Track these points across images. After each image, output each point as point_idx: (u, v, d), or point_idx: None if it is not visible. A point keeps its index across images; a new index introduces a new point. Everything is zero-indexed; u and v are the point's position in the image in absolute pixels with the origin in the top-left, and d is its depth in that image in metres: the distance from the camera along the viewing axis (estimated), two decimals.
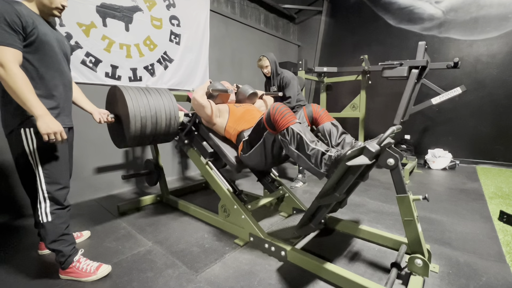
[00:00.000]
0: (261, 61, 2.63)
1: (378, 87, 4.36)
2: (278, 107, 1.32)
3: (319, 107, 1.57)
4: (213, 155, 1.83)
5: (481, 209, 2.14)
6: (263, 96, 2.15)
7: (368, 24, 4.61)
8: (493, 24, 3.58)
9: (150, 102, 1.65)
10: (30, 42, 1.12)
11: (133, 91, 1.63)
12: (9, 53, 1.04)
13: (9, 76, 1.03)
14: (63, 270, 1.30)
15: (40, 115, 1.08)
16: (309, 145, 1.22)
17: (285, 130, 1.28)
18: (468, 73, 3.77)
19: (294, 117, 1.30)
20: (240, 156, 1.64)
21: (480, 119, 3.73)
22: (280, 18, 5.06)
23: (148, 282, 1.27)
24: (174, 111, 1.76)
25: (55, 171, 1.24)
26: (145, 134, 1.65)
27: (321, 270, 1.26)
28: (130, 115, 1.55)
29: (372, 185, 2.83)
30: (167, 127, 1.75)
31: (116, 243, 1.66)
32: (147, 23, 2.86)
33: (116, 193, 2.69)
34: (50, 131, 1.10)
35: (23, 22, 1.08)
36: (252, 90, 1.97)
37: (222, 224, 1.81)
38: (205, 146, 1.84)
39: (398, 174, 1.15)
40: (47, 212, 1.22)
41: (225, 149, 1.75)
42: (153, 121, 1.65)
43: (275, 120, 1.30)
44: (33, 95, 1.08)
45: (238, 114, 1.76)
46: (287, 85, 2.58)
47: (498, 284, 1.23)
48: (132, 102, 1.57)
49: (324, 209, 1.27)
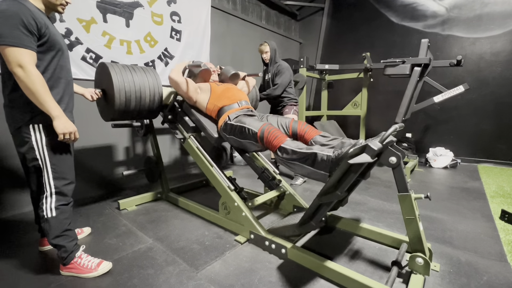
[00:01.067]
0: (262, 46, 2.73)
1: (379, 85, 4.33)
2: (268, 129, 1.45)
3: (305, 124, 1.58)
4: (195, 130, 1.95)
5: (483, 208, 2.13)
6: (245, 78, 2.22)
7: (371, 21, 4.57)
8: (497, 21, 3.54)
9: (134, 78, 1.74)
10: (42, 42, 1.14)
11: (119, 68, 1.71)
12: (27, 55, 1.07)
13: (29, 77, 1.06)
14: (64, 266, 1.30)
15: (57, 116, 1.14)
16: (303, 152, 1.27)
17: (277, 149, 1.38)
18: (471, 71, 3.74)
19: (284, 137, 1.41)
20: (220, 130, 1.76)
21: (482, 118, 3.71)
22: (281, 14, 5.02)
23: (149, 279, 1.27)
24: (158, 88, 1.85)
25: (63, 166, 1.26)
26: (129, 108, 1.74)
27: (321, 268, 1.26)
28: (115, 89, 1.63)
29: (373, 183, 2.83)
30: (151, 103, 1.84)
31: (116, 239, 1.66)
32: (147, 19, 2.84)
33: (116, 190, 2.69)
34: (67, 131, 1.16)
35: (38, 24, 1.10)
36: (234, 71, 2.03)
37: (222, 221, 1.81)
38: (187, 121, 1.94)
39: (400, 172, 1.14)
40: (52, 207, 1.24)
41: (205, 123, 1.86)
42: (137, 96, 1.75)
43: (269, 141, 1.43)
44: (50, 97, 1.13)
45: (219, 92, 1.85)
46: (279, 73, 2.67)
47: (499, 283, 1.23)
48: (117, 77, 1.66)
49: (325, 207, 1.27)
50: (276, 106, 2.86)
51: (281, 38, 4.95)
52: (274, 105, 2.90)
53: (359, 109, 3.73)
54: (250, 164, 2.02)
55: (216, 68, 2.11)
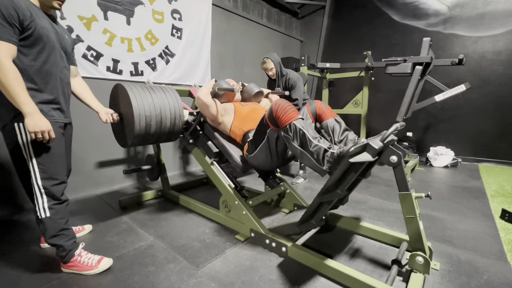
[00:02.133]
0: (265, 64, 2.53)
1: (381, 83, 4.32)
2: (280, 103, 1.31)
3: (323, 104, 1.55)
4: (218, 155, 1.80)
5: (483, 207, 2.13)
6: (269, 95, 2.11)
7: (372, 20, 4.55)
8: (500, 20, 3.52)
9: (154, 100, 1.61)
10: (27, 35, 1.09)
11: (137, 89, 1.60)
12: (2, 47, 1.02)
13: (0, 70, 1.01)
14: (64, 264, 1.31)
15: (29, 113, 1.07)
16: (311, 142, 1.20)
17: (287, 126, 1.26)
18: (473, 70, 3.72)
19: (297, 113, 1.28)
20: (246, 156, 1.62)
21: (483, 117, 3.70)
22: (283, 12, 5.00)
23: (150, 276, 1.28)
24: (179, 109, 1.73)
25: (51, 166, 1.21)
26: (149, 133, 1.62)
27: (321, 266, 1.27)
28: (134, 114, 1.51)
29: (373, 182, 2.83)
30: (172, 126, 1.72)
31: (117, 237, 1.66)
32: (148, 17, 2.83)
33: (117, 187, 2.70)
34: (38, 130, 1.09)
35: (20, 15, 1.05)
36: (258, 89, 1.93)
37: (223, 219, 1.81)
38: (210, 146, 1.81)
39: (401, 171, 1.14)
40: (45, 208, 1.20)
41: (230, 149, 1.73)
42: (158, 120, 1.62)
43: (278, 116, 1.29)
44: (23, 92, 1.06)
45: (244, 113, 1.73)
46: (293, 87, 2.51)
47: (499, 282, 1.23)
48: (137, 101, 1.54)
49: (326, 206, 1.27)
50: None
51: (282, 36, 4.94)
52: None
53: (360, 108, 3.72)
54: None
55: (239, 85, 1.97)
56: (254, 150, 1.51)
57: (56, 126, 1.22)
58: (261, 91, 1.96)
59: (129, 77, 2.72)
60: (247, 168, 1.70)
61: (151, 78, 2.89)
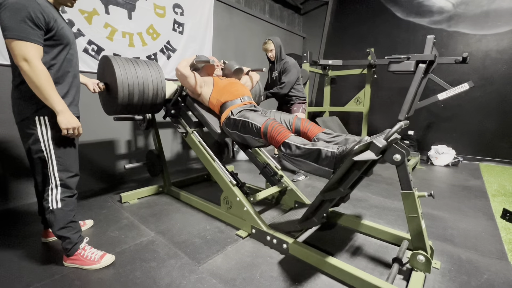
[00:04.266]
0: (266, 44, 2.64)
1: (383, 81, 4.29)
2: (272, 124, 1.44)
3: (308, 121, 1.58)
4: (198, 125, 1.95)
5: (484, 207, 2.13)
6: (249, 73, 2.19)
7: (375, 16, 4.51)
8: (505, 18, 3.48)
9: (138, 72, 1.72)
10: (50, 36, 1.14)
11: (122, 61, 1.69)
12: (33, 49, 1.07)
13: (34, 72, 1.06)
14: (68, 257, 1.32)
15: (61, 111, 1.14)
16: (307, 148, 1.27)
17: (281, 145, 1.38)
18: (476, 69, 3.70)
19: (288, 132, 1.40)
20: (223, 125, 1.77)
21: (485, 116, 3.68)
22: (285, 8, 4.96)
23: (151, 271, 1.28)
24: (161, 82, 1.84)
25: (68, 159, 1.27)
26: (132, 102, 1.73)
27: (322, 264, 1.27)
28: (118, 83, 1.62)
29: (375, 180, 2.83)
30: (154, 97, 1.83)
31: (119, 232, 1.67)
32: (150, 11, 2.80)
33: (118, 183, 2.70)
34: (70, 126, 1.17)
35: (46, 18, 1.10)
36: (238, 66, 2.02)
37: (224, 216, 1.81)
38: (190, 116, 1.94)
39: (404, 170, 1.13)
40: (57, 199, 1.25)
41: (208, 118, 1.86)
42: (140, 89, 1.73)
43: (272, 137, 1.42)
44: (54, 91, 1.13)
45: (222, 86, 1.84)
46: (286, 71, 2.59)
47: (500, 281, 1.23)
48: (120, 71, 1.64)
49: (328, 204, 1.27)
50: (284, 104, 2.81)
51: (285, 32, 4.90)
52: (282, 103, 2.85)
53: (362, 106, 3.70)
54: (252, 159, 2.02)
55: (220, 63, 2.10)
56: (231, 128, 1.68)
57: None
58: (241, 68, 2.05)
59: None
60: (224, 136, 1.84)
61: None
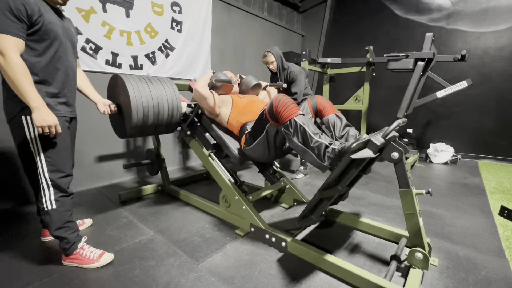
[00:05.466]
0: (266, 57, 2.50)
1: (382, 79, 4.29)
2: (281, 98, 1.29)
3: (324, 99, 1.54)
4: (216, 147, 1.81)
5: (482, 204, 2.14)
6: (267, 88, 2.10)
7: (374, 14, 4.50)
8: (503, 16, 3.48)
9: (152, 91, 1.62)
10: (35, 30, 1.10)
11: (135, 80, 1.60)
12: (10, 42, 1.02)
13: (8, 65, 1.02)
14: (66, 256, 1.32)
15: (36, 107, 1.08)
16: (312, 138, 1.19)
17: (288, 122, 1.25)
18: (475, 66, 3.70)
19: (297, 109, 1.27)
20: (243, 148, 1.61)
21: (484, 114, 3.69)
22: (284, 6, 4.94)
23: (150, 270, 1.29)
24: (177, 101, 1.74)
25: (58, 159, 1.24)
26: (147, 124, 1.63)
27: (321, 262, 1.27)
28: (132, 105, 1.52)
29: (373, 178, 2.83)
30: (170, 118, 1.73)
31: (118, 231, 1.67)
32: (148, 10, 2.79)
33: (117, 182, 2.70)
34: (45, 124, 1.10)
35: (28, 10, 1.06)
36: (256, 81, 1.92)
37: (223, 214, 1.82)
38: (208, 138, 1.81)
39: (402, 168, 1.13)
40: (51, 200, 1.23)
41: (227, 140, 1.73)
42: (155, 111, 1.63)
43: (278, 112, 1.28)
44: (31, 86, 1.07)
45: (241, 106, 1.72)
46: (294, 80, 2.50)
47: (497, 278, 1.24)
48: (134, 92, 1.54)
49: (326, 202, 1.27)
50: None
51: (283, 30, 4.88)
52: None
53: (361, 104, 3.70)
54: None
55: (237, 77, 1.96)
56: (252, 142, 1.51)
57: (62, 120, 1.24)
58: (259, 84, 1.95)
59: (129, 70, 2.70)
60: (244, 160, 1.71)
61: (151, 72, 2.87)
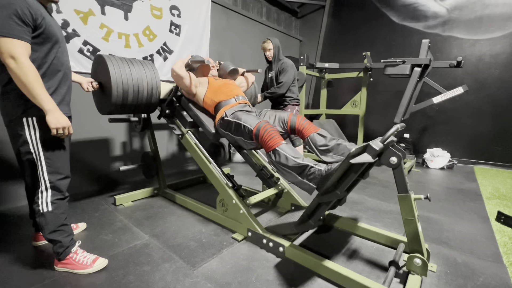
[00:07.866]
0: (265, 43, 2.67)
1: (379, 84, 4.33)
2: (265, 128, 1.41)
3: (304, 119, 1.58)
4: (193, 125, 1.93)
5: (479, 210, 2.14)
6: (245, 74, 2.20)
7: (371, 21, 4.56)
8: (498, 23, 3.55)
9: (132, 71, 1.71)
10: (38, 33, 1.11)
11: (116, 60, 1.68)
12: (21, 46, 1.04)
13: (21, 69, 1.03)
14: (59, 261, 1.28)
15: (50, 110, 1.11)
16: (296, 161, 1.28)
17: (271, 151, 1.38)
18: (470, 73, 3.75)
19: (281, 139, 1.39)
20: (217, 126, 1.75)
21: (479, 120, 3.73)
22: (282, 11, 4.98)
23: (145, 275, 1.26)
24: (156, 82, 1.83)
25: (57, 161, 1.24)
26: (127, 102, 1.72)
27: (319, 267, 1.26)
28: (112, 82, 1.60)
29: (371, 183, 2.83)
30: (149, 97, 1.82)
31: (112, 235, 1.64)
32: (146, 13, 2.79)
33: (112, 185, 2.66)
34: (60, 126, 1.14)
35: (33, 15, 1.07)
36: (233, 66, 2.02)
37: (220, 218, 1.79)
38: (185, 116, 1.93)
39: (401, 172, 1.13)
40: (47, 202, 1.22)
41: (203, 118, 1.85)
42: (135, 89, 1.72)
43: (264, 141, 1.40)
44: (43, 89, 1.09)
45: (216, 86, 1.84)
46: (283, 71, 2.62)
47: (495, 284, 1.23)
48: (114, 69, 1.63)
49: (324, 206, 1.26)
50: (277, 105, 2.82)
51: (281, 35, 4.92)
52: (275, 104, 2.86)
53: (358, 109, 3.72)
54: (248, 162, 2.01)
55: (215, 63, 2.10)
56: (225, 129, 1.67)
57: None
58: (236, 69, 2.04)
59: None
60: (218, 137, 1.82)
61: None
